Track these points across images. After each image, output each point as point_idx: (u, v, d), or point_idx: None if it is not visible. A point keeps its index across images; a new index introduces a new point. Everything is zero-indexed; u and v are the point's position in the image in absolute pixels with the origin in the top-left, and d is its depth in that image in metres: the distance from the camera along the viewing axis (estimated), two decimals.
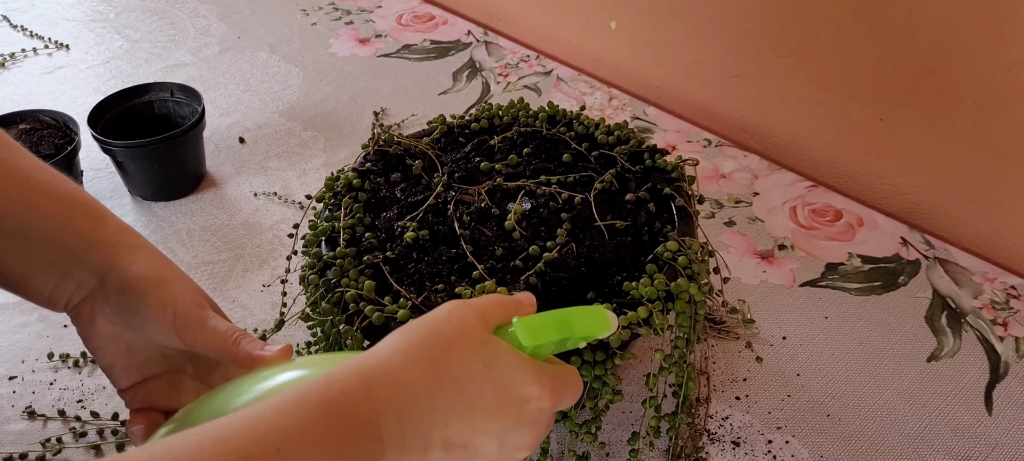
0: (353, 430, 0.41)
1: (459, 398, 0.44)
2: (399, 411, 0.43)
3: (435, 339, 0.45)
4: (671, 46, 1.23)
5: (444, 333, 0.46)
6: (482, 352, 0.46)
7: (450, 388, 0.44)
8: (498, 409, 0.45)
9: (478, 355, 0.46)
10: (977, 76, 0.93)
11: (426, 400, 0.44)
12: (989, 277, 0.95)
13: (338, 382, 0.42)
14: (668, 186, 0.77)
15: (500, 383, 0.46)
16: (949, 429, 0.79)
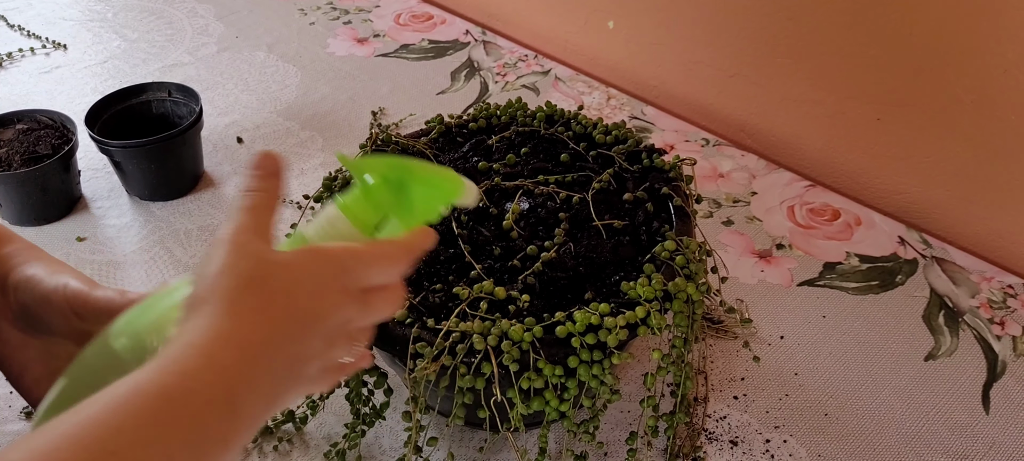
0: (199, 411, 0.39)
1: (293, 336, 0.44)
2: (247, 373, 0.41)
3: (251, 284, 0.43)
4: (669, 46, 1.23)
5: (251, 274, 0.44)
6: (288, 274, 0.44)
7: (284, 328, 0.43)
8: (316, 322, 0.45)
9: (289, 279, 0.44)
10: (974, 76, 0.93)
11: (266, 351, 0.42)
12: (986, 276, 0.95)
13: (174, 365, 0.40)
14: (666, 186, 0.77)
15: (315, 294, 0.45)
16: (947, 428, 0.79)
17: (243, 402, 0.41)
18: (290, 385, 0.44)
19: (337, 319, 0.46)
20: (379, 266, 0.48)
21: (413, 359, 0.63)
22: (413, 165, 0.52)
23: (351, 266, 0.47)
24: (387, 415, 0.76)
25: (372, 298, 0.48)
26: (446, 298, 0.68)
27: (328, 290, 0.45)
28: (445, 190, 0.52)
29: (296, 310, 0.44)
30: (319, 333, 0.45)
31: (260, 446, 0.78)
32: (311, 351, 0.45)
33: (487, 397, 0.64)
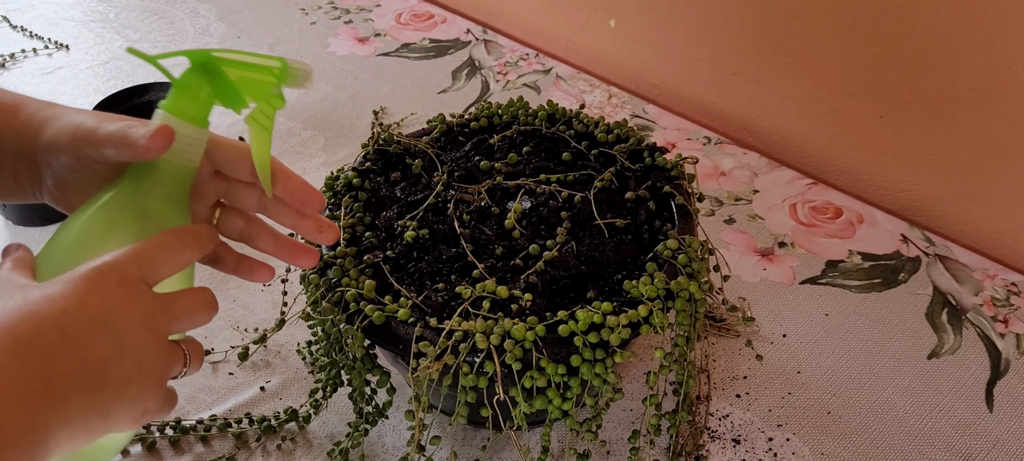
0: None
1: (66, 348, 0.43)
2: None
3: (35, 342, 0.43)
4: (670, 44, 1.23)
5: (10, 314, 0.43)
6: (51, 292, 0.45)
7: (51, 347, 0.43)
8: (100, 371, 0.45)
9: (52, 295, 0.45)
10: (975, 73, 0.93)
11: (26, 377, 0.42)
12: (990, 274, 0.95)
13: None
14: (668, 184, 0.77)
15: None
16: (950, 426, 0.79)
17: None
18: (94, 392, 0.44)
19: (122, 313, 0.46)
20: (156, 252, 0.49)
21: (416, 358, 0.63)
22: (221, 50, 0.53)
23: (124, 262, 0.47)
24: (390, 414, 0.77)
25: (173, 296, 0.49)
26: (449, 297, 0.68)
27: (103, 292, 0.45)
28: (268, 71, 0.53)
29: (62, 318, 0.44)
30: (102, 333, 0.44)
31: (264, 445, 0.78)
32: (98, 353, 0.44)
33: (490, 396, 0.64)
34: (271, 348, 0.88)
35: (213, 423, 0.79)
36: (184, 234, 0.52)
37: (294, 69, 0.54)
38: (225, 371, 0.86)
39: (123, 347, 0.45)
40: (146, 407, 0.47)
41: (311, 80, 0.55)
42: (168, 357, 0.49)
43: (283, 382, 0.85)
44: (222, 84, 0.54)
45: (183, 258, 0.51)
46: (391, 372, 0.72)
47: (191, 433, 0.79)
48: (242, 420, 0.80)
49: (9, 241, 1.01)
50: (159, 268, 0.49)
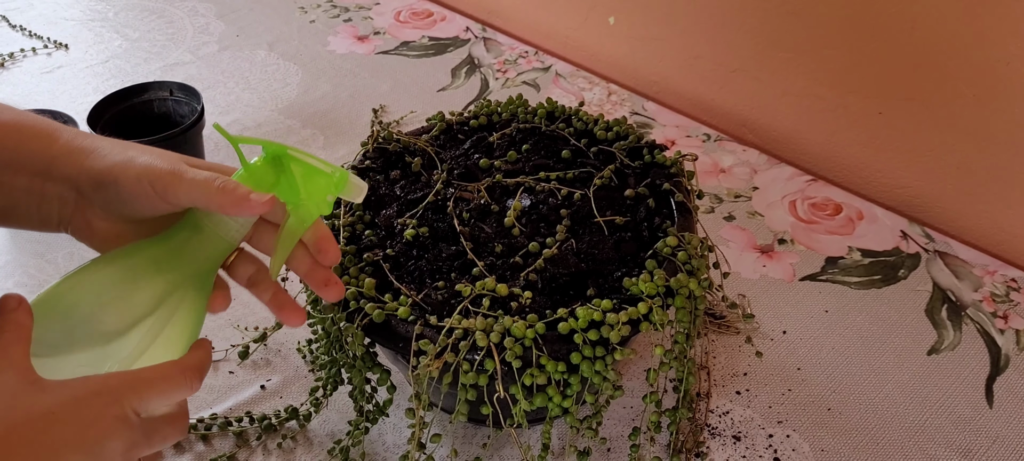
0: None
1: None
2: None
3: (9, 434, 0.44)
4: (670, 41, 1.23)
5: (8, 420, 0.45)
6: (54, 409, 0.46)
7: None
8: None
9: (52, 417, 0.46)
10: (975, 69, 0.93)
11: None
12: (989, 270, 0.95)
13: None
14: (667, 181, 0.77)
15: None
16: (950, 422, 0.79)
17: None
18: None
19: (113, 446, 0.47)
20: (158, 387, 0.50)
21: (416, 356, 0.63)
22: (295, 150, 0.55)
23: (125, 391, 0.48)
24: (390, 412, 0.77)
25: (156, 425, 0.50)
26: (449, 295, 0.68)
27: (100, 421, 0.47)
28: (328, 178, 0.55)
29: (58, 443, 0.45)
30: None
31: (264, 444, 0.79)
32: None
33: (490, 393, 0.64)
34: (271, 346, 0.88)
35: (214, 422, 0.79)
36: (187, 371, 0.52)
37: (353, 182, 0.56)
38: (225, 370, 0.86)
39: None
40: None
41: (363, 197, 0.58)
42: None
43: (283, 380, 0.85)
44: (286, 178, 0.56)
45: (179, 396, 0.52)
46: (391, 370, 0.72)
47: (192, 432, 0.79)
48: (243, 419, 0.80)
49: (8, 241, 1.01)
50: (154, 404, 0.50)
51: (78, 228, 0.57)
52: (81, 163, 0.55)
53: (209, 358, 0.55)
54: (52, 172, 0.55)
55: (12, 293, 0.50)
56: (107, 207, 0.56)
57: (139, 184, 0.53)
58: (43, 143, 0.55)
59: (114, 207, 0.56)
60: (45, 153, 0.55)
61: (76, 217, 0.57)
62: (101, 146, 0.56)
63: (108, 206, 0.56)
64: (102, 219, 0.57)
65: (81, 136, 0.56)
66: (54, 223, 0.57)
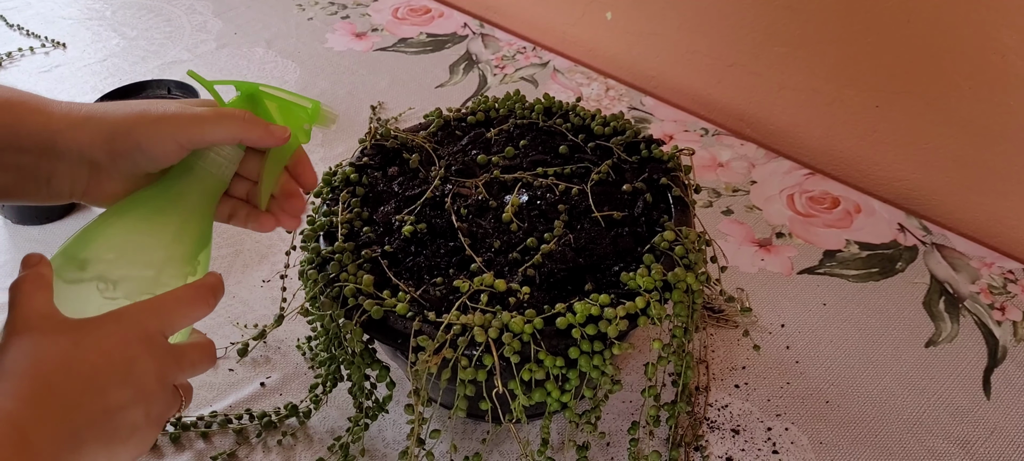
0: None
1: (89, 394, 0.47)
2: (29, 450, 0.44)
3: (38, 361, 0.47)
4: (667, 36, 1.23)
5: (38, 353, 0.47)
6: (81, 339, 0.48)
7: (74, 393, 0.47)
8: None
9: (82, 347, 0.48)
10: (971, 62, 0.93)
11: (52, 417, 0.46)
12: (986, 262, 0.95)
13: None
14: (665, 176, 0.77)
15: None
16: (948, 414, 0.80)
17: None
18: (107, 439, 0.48)
19: (142, 366, 0.49)
20: (176, 307, 0.53)
21: (415, 352, 0.63)
22: (263, 85, 0.60)
23: (146, 316, 0.51)
24: (390, 408, 0.77)
25: (184, 350, 0.53)
26: (447, 291, 0.68)
27: (127, 344, 0.49)
28: (302, 109, 0.60)
29: (90, 370, 0.47)
30: (123, 384, 0.48)
31: (264, 441, 0.79)
32: (117, 402, 0.48)
33: (489, 389, 0.64)
34: (271, 344, 0.88)
35: (214, 419, 0.80)
36: (202, 289, 0.55)
37: (324, 112, 0.61)
38: (225, 367, 0.86)
39: (137, 397, 0.49)
40: (145, 447, 0.51)
41: (335, 123, 0.63)
42: (171, 403, 0.53)
43: (283, 378, 0.85)
44: (262, 113, 0.60)
45: (198, 314, 0.55)
46: (390, 366, 0.72)
47: (192, 429, 0.79)
48: (242, 416, 0.80)
49: (8, 239, 1.02)
50: (176, 323, 0.53)
51: (94, 197, 0.58)
52: (87, 134, 0.56)
53: (221, 284, 0.57)
54: (57, 148, 0.55)
55: (32, 252, 0.52)
56: (123, 171, 0.57)
57: (160, 138, 0.56)
58: (41, 119, 0.56)
59: (131, 168, 0.57)
60: (45, 129, 0.55)
61: (91, 187, 0.58)
62: (96, 113, 0.56)
63: (124, 169, 0.57)
64: (119, 182, 0.58)
65: (73, 106, 0.57)
66: (66, 195, 0.58)
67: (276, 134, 0.58)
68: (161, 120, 0.56)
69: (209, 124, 0.56)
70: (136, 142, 0.55)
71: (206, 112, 0.57)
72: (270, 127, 0.58)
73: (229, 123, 0.57)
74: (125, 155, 0.56)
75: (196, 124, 0.56)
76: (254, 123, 0.58)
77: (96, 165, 0.56)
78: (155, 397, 0.50)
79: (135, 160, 0.56)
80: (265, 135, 0.58)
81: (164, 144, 0.56)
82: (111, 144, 0.55)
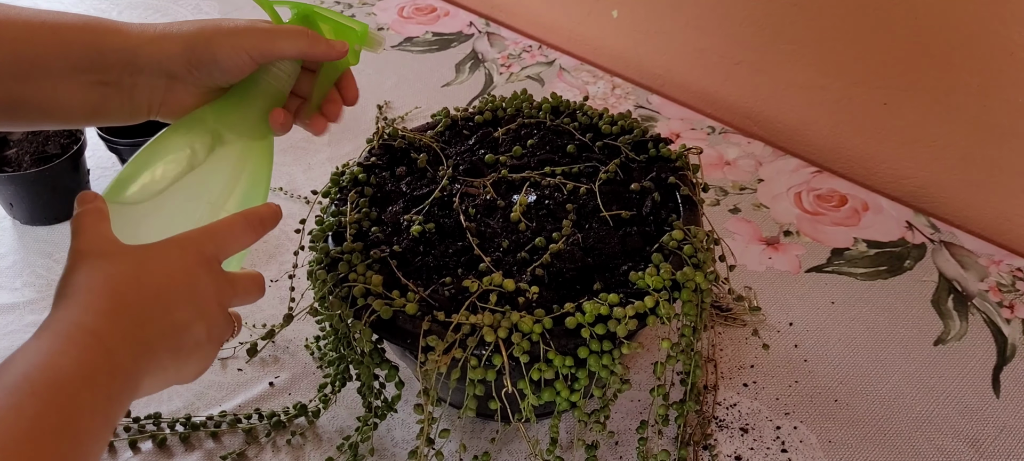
0: (93, 401, 0.45)
1: (162, 309, 0.51)
2: (112, 361, 0.47)
3: (110, 280, 0.50)
4: (673, 34, 1.23)
5: (110, 271, 0.50)
6: (148, 261, 0.52)
7: (148, 308, 0.50)
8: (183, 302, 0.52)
9: (148, 267, 0.51)
10: (980, 59, 0.93)
11: (131, 330, 0.49)
12: (995, 260, 0.95)
13: (70, 356, 0.45)
14: (673, 175, 0.77)
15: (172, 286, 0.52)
16: (957, 412, 0.79)
17: (122, 378, 0.47)
18: (175, 351, 0.51)
19: (203, 286, 0.53)
20: (229, 233, 0.57)
21: (424, 352, 0.63)
22: (318, 8, 0.64)
23: (203, 240, 0.55)
24: (399, 408, 0.77)
25: (237, 277, 0.57)
26: (456, 291, 0.68)
27: (187, 265, 0.53)
28: (352, 31, 0.64)
29: (157, 288, 0.51)
30: (187, 301, 0.52)
31: (274, 440, 0.79)
32: (183, 318, 0.51)
33: (498, 388, 0.64)
34: (279, 344, 0.88)
35: (223, 419, 0.80)
36: (252, 218, 0.58)
37: (372, 35, 0.65)
38: (234, 367, 0.86)
39: (199, 315, 0.53)
40: (206, 366, 0.55)
41: (383, 47, 0.67)
42: (228, 325, 0.57)
43: (292, 377, 0.85)
44: (317, 31, 0.64)
45: (250, 239, 0.58)
46: (399, 366, 0.72)
47: (201, 429, 0.80)
48: (252, 416, 0.80)
49: (16, 240, 1.02)
50: (230, 247, 0.57)
51: (170, 109, 0.63)
52: (165, 48, 0.60)
53: (273, 214, 0.60)
54: (138, 62, 0.59)
55: (86, 190, 0.56)
56: (199, 82, 0.61)
57: (235, 50, 0.60)
58: (120, 38, 0.60)
59: (207, 80, 0.61)
60: (125, 45, 0.59)
61: (168, 100, 0.62)
62: (171, 29, 0.60)
63: (200, 81, 0.61)
64: (192, 95, 0.62)
65: (145, 26, 0.61)
66: (145, 111, 0.62)
67: (337, 48, 0.63)
68: (236, 33, 0.60)
69: (280, 38, 0.61)
70: (213, 53, 0.60)
71: (276, 27, 0.62)
72: (331, 42, 0.63)
73: (298, 38, 0.61)
74: (201, 66, 0.60)
75: (268, 38, 0.60)
76: (318, 39, 0.62)
77: (173, 77, 0.61)
78: (214, 317, 0.54)
79: (210, 71, 0.61)
80: (328, 49, 0.62)
81: (238, 56, 0.60)
82: (189, 54, 0.60)
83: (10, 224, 1.05)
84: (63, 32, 0.58)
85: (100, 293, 0.49)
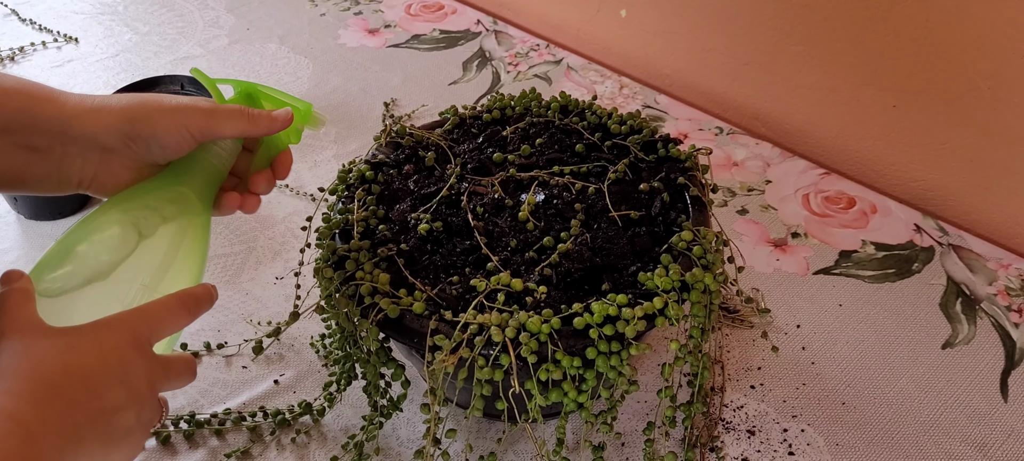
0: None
1: (88, 395, 0.49)
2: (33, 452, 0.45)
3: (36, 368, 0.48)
4: (682, 34, 1.22)
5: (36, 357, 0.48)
6: (79, 345, 0.50)
7: (75, 394, 0.48)
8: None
9: (79, 351, 0.49)
10: (990, 62, 0.92)
11: (52, 420, 0.47)
12: (1003, 263, 0.95)
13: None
14: (682, 175, 0.77)
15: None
16: (964, 416, 0.79)
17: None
18: (104, 439, 0.49)
19: (135, 369, 0.51)
20: (163, 315, 0.55)
21: (431, 351, 0.63)
22: (262, 86, 0.64)
23: (135, 321, 0.53)
24: (404, 407, 0.77)
25: (170, 361, 0.55)
26: (463, 290, 0.68)
27: (119, 347, 0.51)
28: (294, 111, 0.63)
29: (87, 371, 0.49)
30: (119, 385, 0.50)
31: (278, 439, 0.79)
32: (113, 403, 0.49)
33: (505, 389, 0.64)
34: (285, 341, 0.88)
35: (227, 417, 0.80)
36: (186, 299, 0.57)
37: (315, 114, 0.65)
38: (239, 364, 0.86)
39: (131, 400, 0.51)
40: (135, 453, 0.53)
41: (324, 126, 0.68)
42: (157, 410, 0.55)
43: (297, 375, 0.85)
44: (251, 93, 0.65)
45: (184, 322, 0.57)
46: (406, 365, 0.72)
47: (206, 427, 0.79)
48: (256, 414, 0.80)
49: (21, 235, 1.02)
50: (163, 330, 0.55)
51: (101, 184, 0.60)
52: (102, 121, 0.58)
53: (208, 295, 0.59)
54: (70, 132, 0.57)
55: (11, 269, 0.54)
56: (135, 157, 0.60)
57: (176, 128, 0.59)
58: (54, 106, 0.58)
59: (144, 155, 0.60)
60: (58, 115, 0.57)
61: (100, 173, 0.60)
62: (110, 102, 0.59)
63: (136, 156, 0.59)
64: (127, 169, 0.60)
65: (83, 97, 0.59)
66: (74, 183, 0.60)
67: (278, 120, 0.62)
68: (177, 111, 0.59)
69: (221, 118, 0.60)
70: (152, 129, 0.58)
71: (218, 107, 0.61)
72: (272, 115, 0.62)
73: (239, 119, 0.61)
74: (139, 141, 0.59)
75: (209, 117, 0.60)
76: (258, 117, 0.61)
77: (108, 151, 0.59)
78: (145, 401, 0.52)
79: (148, 147, 0.59)
80: (269, 123, 0.62)
81: (178, 134, 0.59)
82: (128, 128, 0.58)
83: (14, 219, 1.05)
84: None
85: (25, 377, 0.46)
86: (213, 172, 0.63)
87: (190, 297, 0.57)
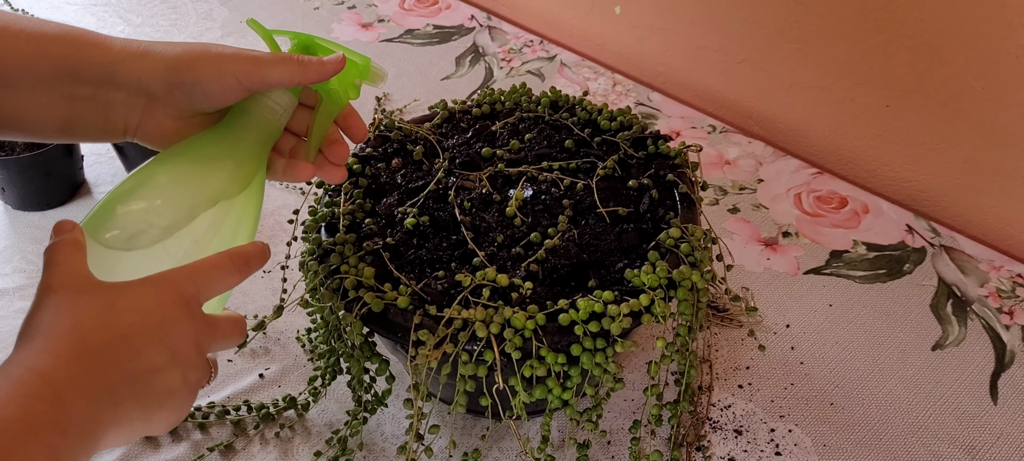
0: (31, 456, 0.42)
1: (126, 354, 0.48)
2: (62, 408, 0.44)
3: (75, 317, 0.47)
4: (676, 31, 1.22)
5: (77, 309, 0.47)
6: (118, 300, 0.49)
7: (111, 351, 0.47)
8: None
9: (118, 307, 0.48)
10: (984, 63, 0.92)
11: (89, 377, 0.46)
12: (995, 265, 0.94)
13: (15, 405, 0.43)
14: (671, 172, 0.76)
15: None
16: (954, 418, 0.79)
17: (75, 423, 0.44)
18: (142, 399, 0.48)
19: (179, 329, 0.50)
20: (213, 273, 0.53)
21: (415, 346, 0.62)
22: (320, 39, 0.62)
23: (182, 281, 0.51)
24: (389, 402, 0.76)
25: (217, 320, 0.54)
26: (448, 285, 0.67)
27: (163, 306, 0.50)
28: (354, 65, 0.61)
29: (126, 329, 0.48)
30: (159, 345, 0.49)
31: (262, 432, 0.78)
32: (153, 364, 0.48)
33: (489, 385, 0.63)
34: (270, 335, 0.87)
35: (211, 410, 0.79)
36: (238, 257, 0.55)
37: (374, 68, 0.63)
38: (224, 358, 0.85)
39: (173, 360, 0.49)
40: (181, 415, 0.51)
41: (385, 81, 0.64)
42: (205, 372, 0.53)
43: (282, 369, 0.84)
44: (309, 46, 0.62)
45: (234, 280, 0.55)
46: (390, 360, 0.71)
47: (189, 420, 0.79)
48: (240, 407, 0.79)
49: (8, 225, 1.01)
50: (213, 288, 0.53)
51: (147, 132, 0.59)
52: (146, 66, 0.56)
53: (260, 253, 0.57)
54: (115, 78, 0.56)
55: (64, 220, 0.53)
56: (179, 105, 0.58)
57: (221, 74, 0.56)
58: (100, 51, 0.56)
59: (188, 103, 0.58)
60: (104, 60, 0.56)
61: (145, 121, 0.58)
62: (155, 48, 0.57)
63: (181, 104, 0.58)
64: (172, 118, 0.58)
65: (128, 41, 0.58)
66: (120, 131, 0.58)
67: (328, 66, 0.59)
68: (223, 57, 0.57)
69: (269, 64, 0.57)
70: (196, 76, 0.56)
71: (266, 54, 0.58)
72: (322, 60, 0.59)
73: (288, 65, 0.58)
74: (184, 88, 0.57)
75: (256, 64, 0.57)
76: (309, 62, 0.58)
77: (153, 97, 0.57)
78: (191, 362, 0.51)
79: (192, 95, 0.57)
80: (319, 69, 0.59)
81: (224, 80, 0.56)
82: (171, 75, 0.56)
83: (1, 208, 1.04)
84: (40, 41, 0.54)
85: (62, 335, 0.46)
86: (267, 126, 0.60)
87: (241, 255, 0.56)
